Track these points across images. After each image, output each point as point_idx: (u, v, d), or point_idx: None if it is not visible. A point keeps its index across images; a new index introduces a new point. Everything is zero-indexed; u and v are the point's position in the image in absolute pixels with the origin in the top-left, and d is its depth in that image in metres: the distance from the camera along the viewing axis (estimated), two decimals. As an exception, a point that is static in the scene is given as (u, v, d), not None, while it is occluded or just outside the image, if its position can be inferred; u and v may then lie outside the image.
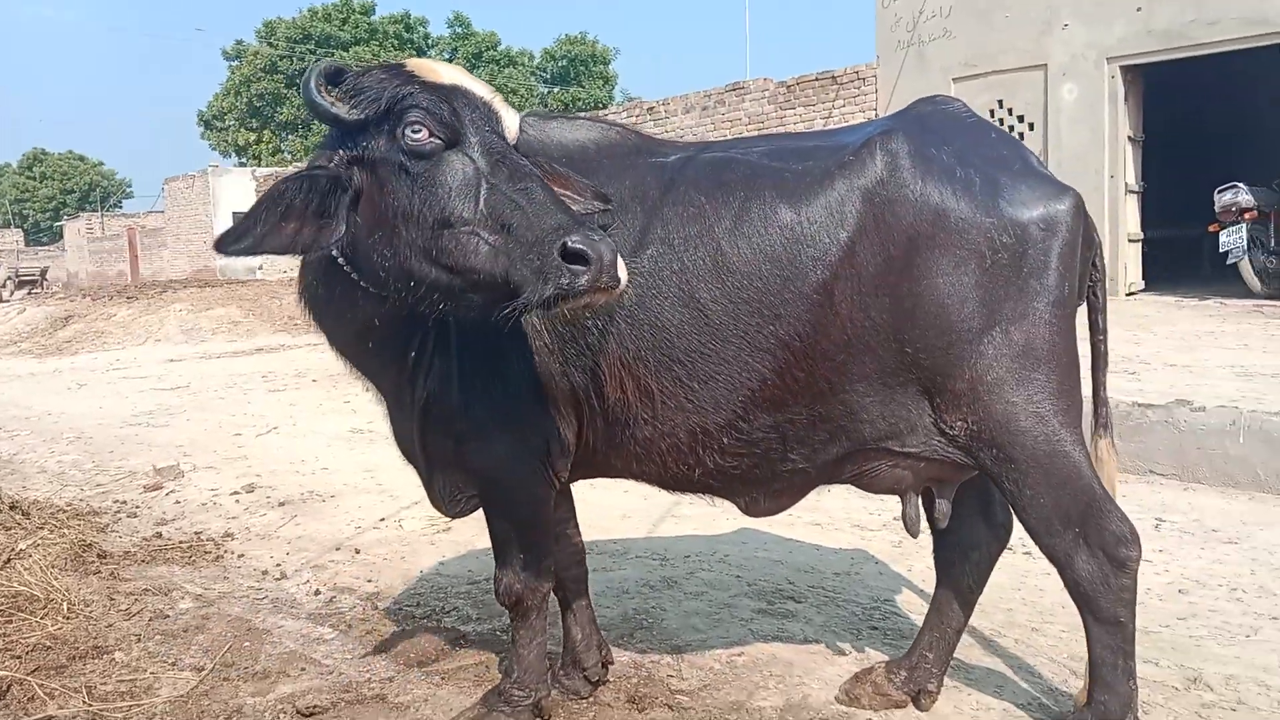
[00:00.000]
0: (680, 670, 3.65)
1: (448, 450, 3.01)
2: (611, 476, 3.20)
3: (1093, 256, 2.90)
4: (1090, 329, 2.98)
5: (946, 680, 3.43)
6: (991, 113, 13.08)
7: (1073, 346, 2.76)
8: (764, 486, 3.00)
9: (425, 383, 2.91)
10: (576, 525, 3.55)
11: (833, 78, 15.31)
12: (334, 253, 2.58)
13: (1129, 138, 12.27)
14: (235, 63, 49.40)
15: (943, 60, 13.41)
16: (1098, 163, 12.13)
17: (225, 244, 2.43)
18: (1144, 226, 12.97)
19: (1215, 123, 15.94)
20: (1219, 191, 11.53)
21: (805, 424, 2.80)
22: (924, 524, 3.14)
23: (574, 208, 2.58)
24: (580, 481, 3.37)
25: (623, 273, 2.30)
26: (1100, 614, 2.75)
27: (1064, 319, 2.71)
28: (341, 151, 2.51)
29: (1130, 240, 12.45)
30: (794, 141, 3.00)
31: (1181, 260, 14.24)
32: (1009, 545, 4.43)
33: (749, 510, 3.13)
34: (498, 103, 2.57)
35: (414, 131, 2.43)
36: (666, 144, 3.12)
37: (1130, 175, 12.36)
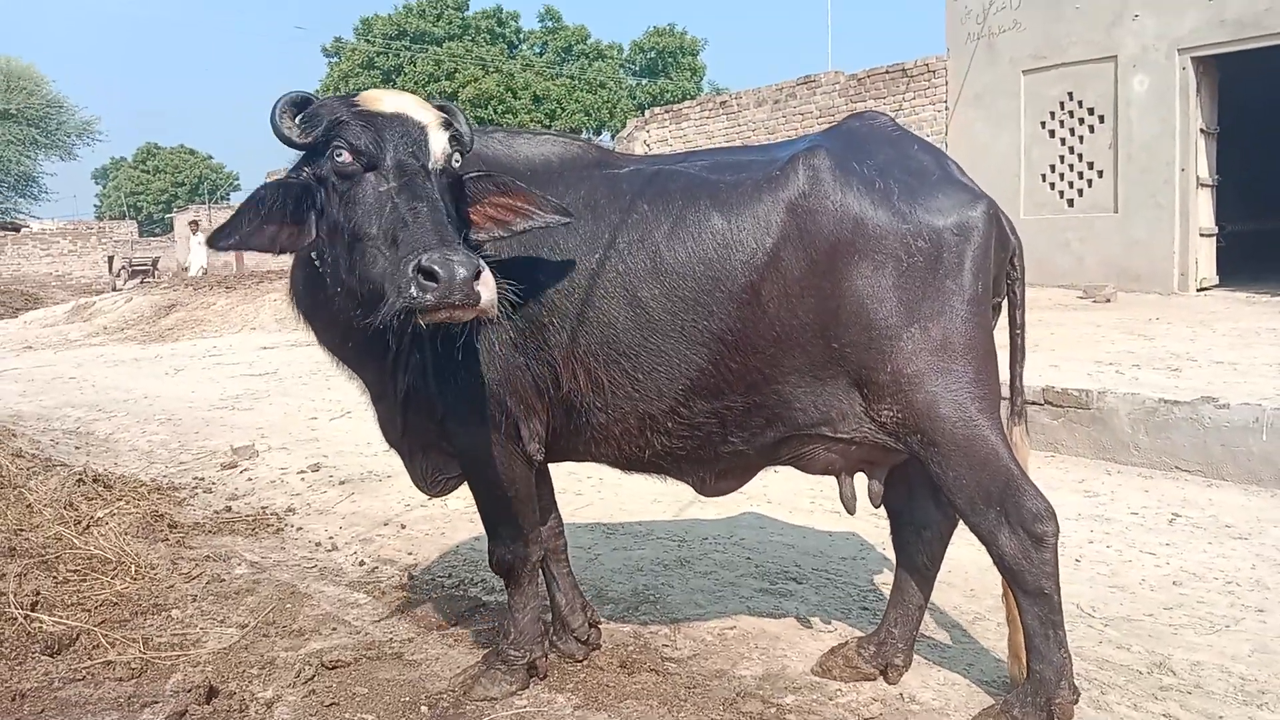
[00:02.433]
0: (674, 641, 3.94)
1: (430, 435, 3.37)
2: (578, 460, 3.52)
3: (1008, 257, 3.12)
4: (1010, 324, 3.21)
5: (920, 657, 3.66)
6: (1061, 105, 12.96)
7: (988, 340, 2.99)
8: (709, 466, 3.29)
9: (405, 376, 3.27)
10: (554, 503, 3.87)
11: (903, 70, 15.29)
12: (313, 256, 2.95)
13: (1201, 130, 12.02)
14: (334, 59, 50.90)
15: (1012, 52, 13.31)
16: (1168, 155, 11.93)
17: (216, 240, 2.82)
18: (1219, 220, 12.70)
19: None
20: (1297, 184, 11.26)
21: (742, 410, 3.09)
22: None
23: (531, 221, 2.90)
24: (576, 465, 3.69)
25: (485, 292, 2.49)
26: (1026, 587, 2.97)
27: (979, 315, 2.95)
28: (307, 168, 2.88)
29: (1202, 235, 12.20)
30: (733, 155, 3.27)
31: (1261, 255, 13.87)
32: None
33: (701, 490, 3.42)
34: (433, 130, 2.82)
35: (338, 155, 2.76)
36: (624, 157, 3.42)
37: (1202, 168, 12.12)
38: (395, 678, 3.63)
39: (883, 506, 3.41)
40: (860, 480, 3.37)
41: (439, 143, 2.83)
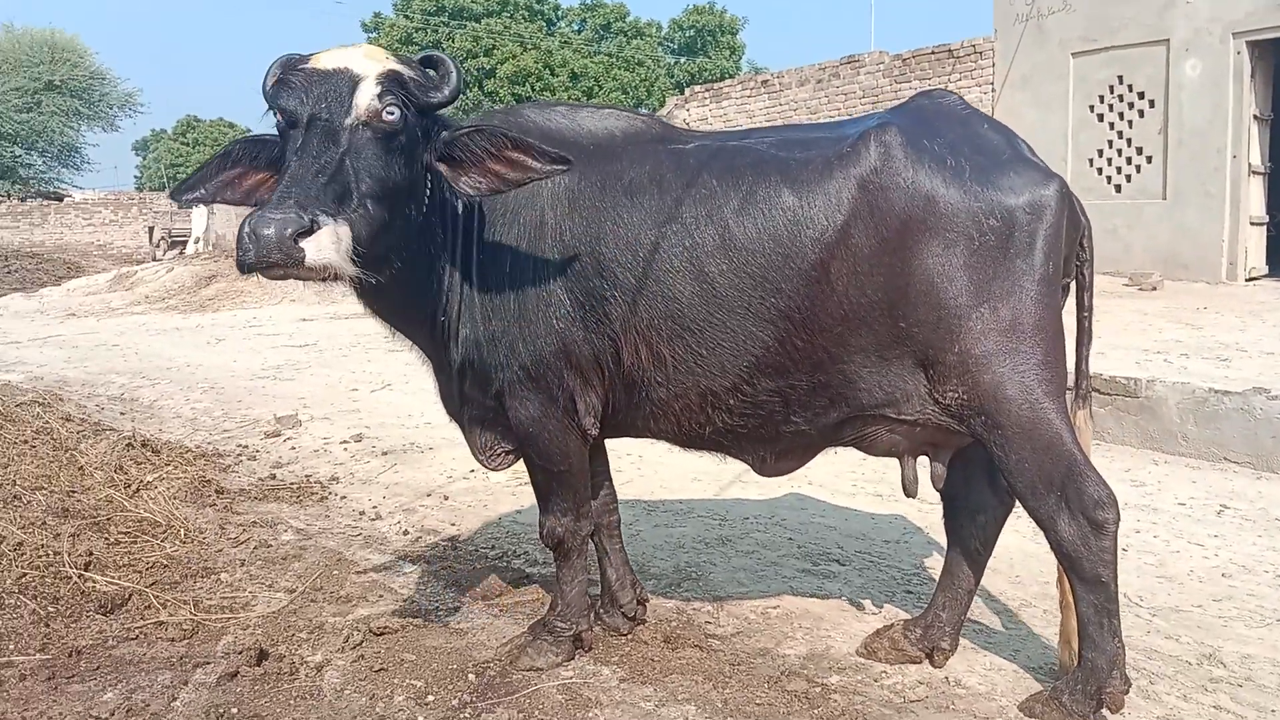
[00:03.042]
0: (718, 618, 3.95)
1: (486, 409, 3.39)
2: (635, 436, 3.51)
3: (1079, 237, 3.08)
4: (1077, 306, 3.17)
5: (967, 641, 3.65)
6: (1111, 89, 12.72)
7: (1058, 322, 2.96)
8: (770, 446, 3.27)
9: (457, 348, 3.28)
10: (610, 478, 3.88)
11: (949, 51, 15.07)
12: None
13: (1255, 116, 11.76)
14: (373, 35, 51.02)
15: (1061, 34, 13.08)
16: (1220, 141, 11.69)
17: (178, 193, 2.92)
18: (1271, 209, 12.46)
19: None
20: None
21: (806, 390, 3.06)
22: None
23: (529, 173, 2.90)
24: (647, 442, 3.69)
25: (312, 251, 2.50)
26: (1083, 574, 2.94)
27: (1049, 296, 2.91)
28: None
29: (1253, 223, 11.96)
30: (801, 132, 3.24)
31: (1315, 245, 13.58)
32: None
33: (759, 469, 3.40)
34: (363, 85, 2.79)
35: (272, 114, 2.87)
36: (687, 133, 3.40)
37: (1255, 155, 11.86)
38: (442, 645, 3.66)
39: (936, 489, 3.39)
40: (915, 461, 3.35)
41: (364, 97, 2.79)
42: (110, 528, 4.60)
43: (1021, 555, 4.54)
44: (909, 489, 3.31)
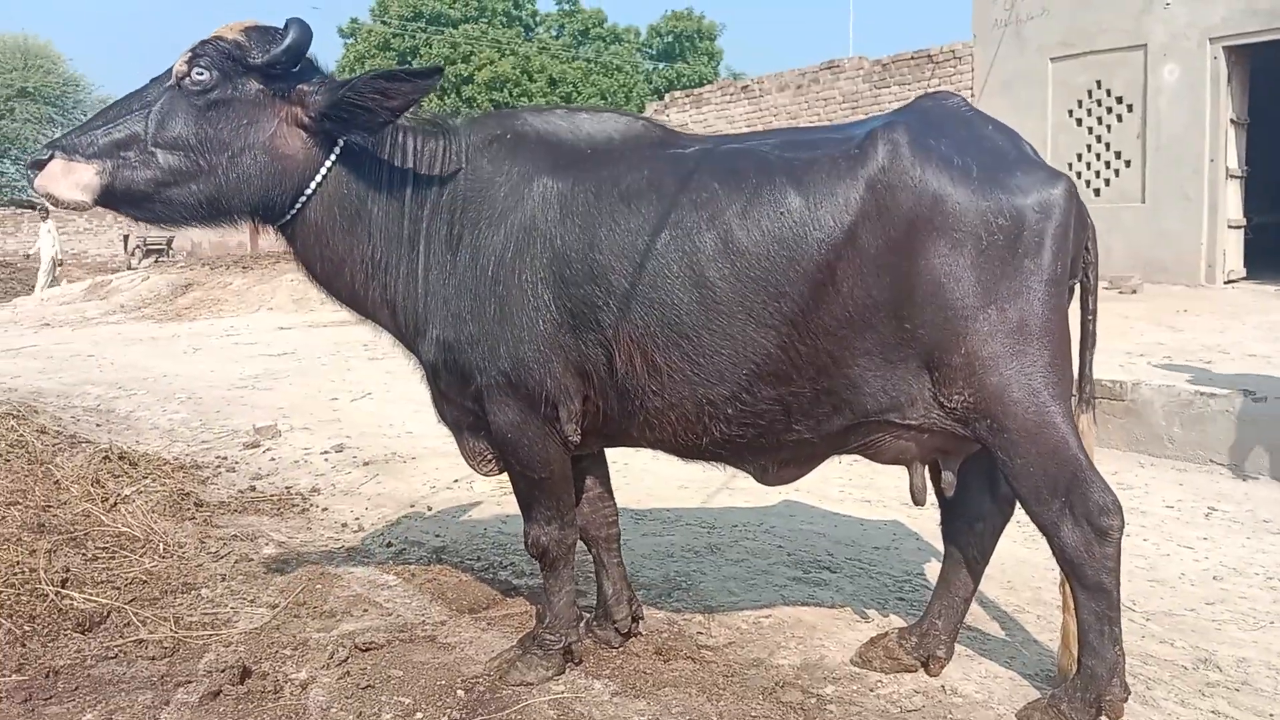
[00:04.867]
0: (709, 628, 3.90)
1: (467, 412, 3.34)
2: (630, 445, 3.45)
3: (1085, 240, 3.04)
4: (1081, 309, 3.13)
5: (962, 649, 3.61)
6: (1089, 93, 12.78)
7: (1064, 324, 2.92)
8: (771, 455, 3.21)
9: (427, 347, 3.25)
10: (610, 490, 3.81)
11: (928, 56, 15.14)
12: None
13: (1231, 120, 11.85)
14: (350, 40, 50.75)
15: (1040, 39, 13.13)
16: (1198, 146, 11.76)
17: None
18: (1248, 212, 12.55)
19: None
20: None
21: (809, 397, 3.00)
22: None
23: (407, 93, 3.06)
24: (631, 450, 3.65)
25: (40, 179, 3.01)
26: (1085, 581, 2.90)
27: (1056, 298, 2.87)
28: None
29: (1230, 226, 12.05)
30: (803, 135, 3.21)
31: (1292, 248, 13.70)
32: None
33: (761, 479, 3.35)
34: (181, 56, 3.10)
35: None
36: (688, 137, 3.34)
37: (1232, 159, 11.95)
38: (429, 660, 3.59)
39: (946, 496, 3.34)
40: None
41: (178, 63, 3.10)
42: (88, 543, 4.50)
43: (1014, 561, 4.51)
44: (918, 497, 3.24)
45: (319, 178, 3.18)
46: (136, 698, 3.27)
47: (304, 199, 3.19)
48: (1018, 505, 3.20)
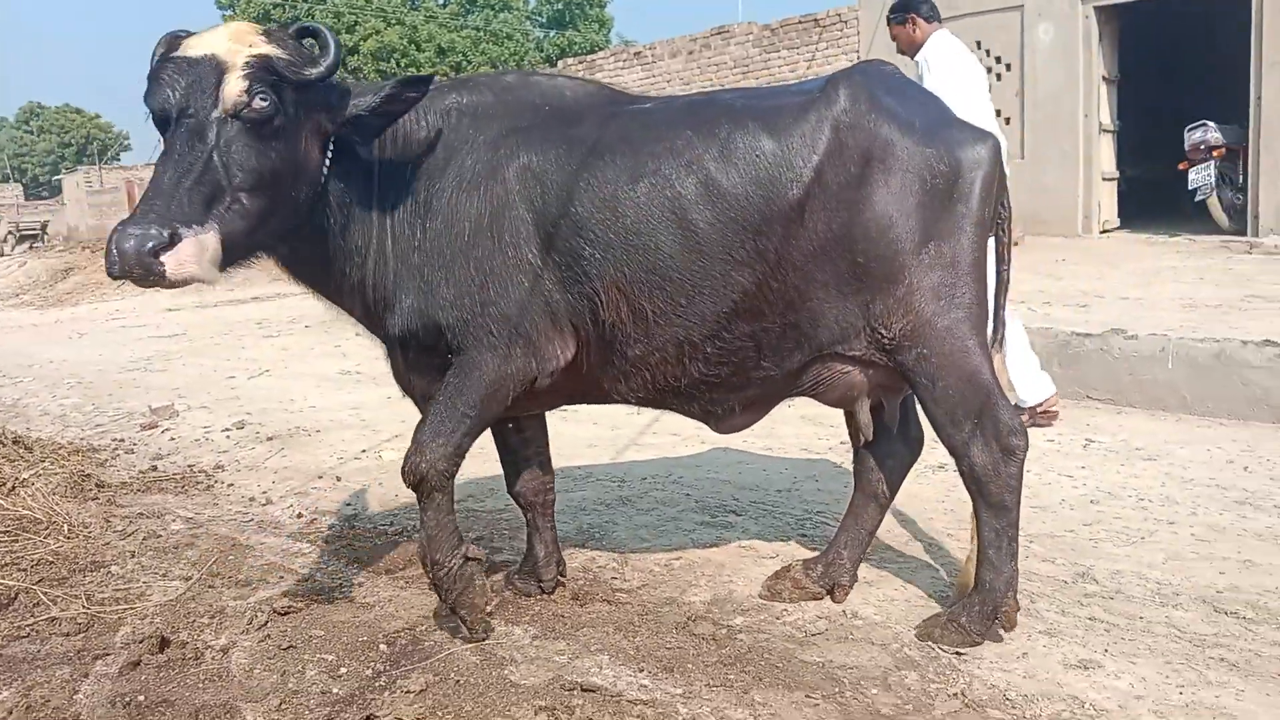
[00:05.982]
0: (623, 573, 4.03)
1: (434, 385, 3.30)
2: (593, 401, 3.56)
3: (1002, 196, 3.31)
4: (996, 260, 3.38)
5: (860, 576, 3.81)
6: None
7: (984, 265, 3.19)
8: (739, 394, 3.36)
9: (398, 319, 3.24)
10: (549, 459, 3.88)
11: (815, 20, 15.42)
12: None
13: (1104, 78, 12.39)
14: (228, 12, 49.02)
15: (922, 1, 13.47)
16: (1072, 103, 12.28)
17: None
18: (1121, 165, 13.16)
19: (1190, 60, 15.99)
20: (1188, 130, 11.73)
21: (778, 332, 3.18)
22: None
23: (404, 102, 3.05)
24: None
25: (171, 265, 2.57)
26: (990, 498, 3.16)
27: (982, 240, 3.16)
28: None
29: (1104, 179, 12.63)
30: (757, 89, 3.49)
31: (1160, 198, 14.40)
32: (942, 464, 4.85)
33: (717, 424, 3.50)
34: (229, 77, 2.77)
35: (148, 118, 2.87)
36: (640, 96, 3.54)
37: (1105, 115, 12.51)
38: (350, 619, 3.64)
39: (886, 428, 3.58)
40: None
41: (231, 89, 2.77)
42: (-13, 527, 4.40)
43: (905, 495, 4.73)
44: (865, 432, 3.47)
45: (323, 181, 3.12)
46: (54, 673, 3.25)
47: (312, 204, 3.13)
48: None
